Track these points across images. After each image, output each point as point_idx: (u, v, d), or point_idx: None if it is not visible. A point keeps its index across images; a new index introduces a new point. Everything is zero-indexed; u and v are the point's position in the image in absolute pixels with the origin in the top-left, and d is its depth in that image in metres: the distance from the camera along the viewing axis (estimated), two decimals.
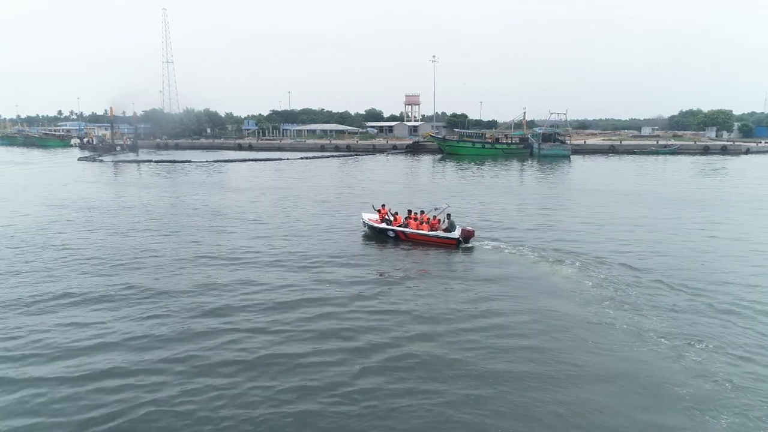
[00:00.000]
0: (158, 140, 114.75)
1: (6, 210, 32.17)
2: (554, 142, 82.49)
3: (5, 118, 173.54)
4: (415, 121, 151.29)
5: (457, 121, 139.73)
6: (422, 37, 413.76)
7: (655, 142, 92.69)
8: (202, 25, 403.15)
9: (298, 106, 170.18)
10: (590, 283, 17.35)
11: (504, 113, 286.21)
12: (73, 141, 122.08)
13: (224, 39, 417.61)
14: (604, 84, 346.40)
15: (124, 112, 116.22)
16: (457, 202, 33.65)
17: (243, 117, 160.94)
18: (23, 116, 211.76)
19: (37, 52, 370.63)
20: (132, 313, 14.93)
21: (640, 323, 14.16)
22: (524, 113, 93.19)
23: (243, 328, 13.96)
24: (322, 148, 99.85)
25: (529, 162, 73.33)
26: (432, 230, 23.32)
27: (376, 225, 24.40)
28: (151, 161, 72.83)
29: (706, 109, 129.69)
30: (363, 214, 26.12)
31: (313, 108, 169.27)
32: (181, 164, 68.46)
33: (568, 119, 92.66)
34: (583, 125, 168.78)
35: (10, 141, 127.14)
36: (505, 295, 16.61)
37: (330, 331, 13.81)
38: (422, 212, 24.50)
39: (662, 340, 13.15)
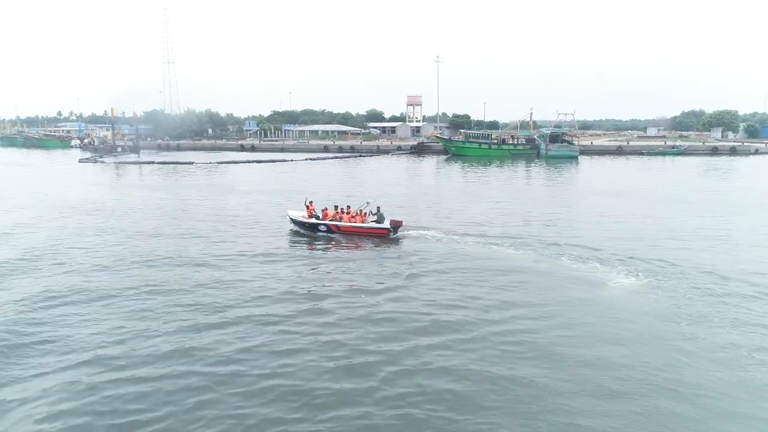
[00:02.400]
0: (159, 141, 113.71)
1: (20, 214, 31.37)
2: (562, 142, 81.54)
3: (4, 119, 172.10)
4: (417, 121, 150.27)
5: (459, 121, 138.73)
6: (421, 37, 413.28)
7: (663, 143, 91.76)
8: (201, 25, 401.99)
9: (298, 107, 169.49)
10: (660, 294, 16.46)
11: (503, 114, 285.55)
12: (73, 142, 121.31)
13: (223, 39, 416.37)
14: (603, 84, 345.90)
15: (123, 113, 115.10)
16: (476, 208, 32.68)
17: (243, 118, 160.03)
18: (23, 117, 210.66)
19: (36, 53, 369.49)
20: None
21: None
22: (531, 113, 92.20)
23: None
24: (326, 149, 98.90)
25: (537, 163, 72.36)
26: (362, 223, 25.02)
27: (306, 221, 25.39)
28: (153, 162, 71.86)
29: (708, 109, 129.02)
30: (289, 211, 27.14)
31: (315, 109, 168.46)
32: (184, 166, 67.43)
33: (568, 119, 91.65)
34: (585, 126, 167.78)
35: (10, 142, 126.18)
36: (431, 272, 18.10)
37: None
38: (349, 207, 25.99)
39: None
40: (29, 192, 41.78)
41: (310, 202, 26.37)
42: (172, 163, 70.82)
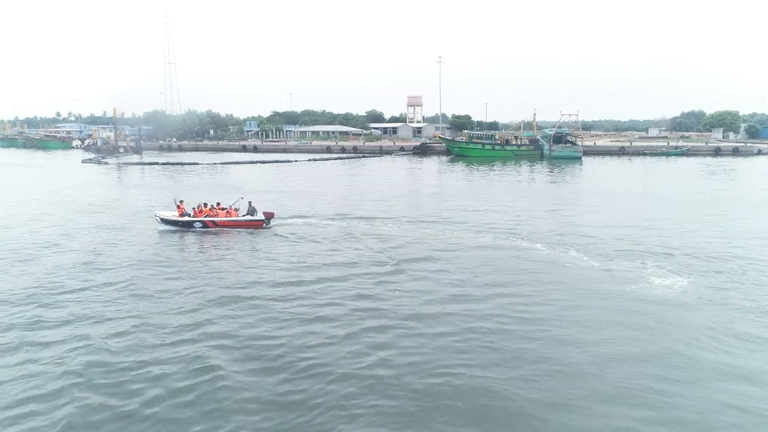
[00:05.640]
0: (161, 142, 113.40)
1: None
2: (565, 143, 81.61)
3: (3, 120, 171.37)
4: (417, 122, 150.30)
5: (460, 122, 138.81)
6: (421, 38, 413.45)
7: (665, 144, 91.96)
8: (200, 26, 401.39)
9: (298, 108, 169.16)
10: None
11: (504, 114, 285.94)
12: (74, 143, 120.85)
13: (221, 39, 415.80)
14: (601, 84, 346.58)
15: (122, 114, 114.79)
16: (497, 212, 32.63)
17: (242, 119, 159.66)
18: (21, 117, 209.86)
19: (35, 54, 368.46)
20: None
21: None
22: (534, 114, 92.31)
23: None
24: (328, 150, 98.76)
25: (541, 164, 72.40)
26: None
27: (178, 219, 26.64)
28: (157, 163, 71.63)
29: (707, 110, 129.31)
30: (157, 212, 28.04)
31: (315, 109, 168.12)
32: (189, 166, 67.24)
33: (571, 120, 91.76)
34: (585, 126, 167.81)
35: (10, 143, 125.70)
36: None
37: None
38: (218, 204, 27.75)
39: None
40: (46, 192, 41.80)
41: (181, 201, 27.90)
42: (178, 164, 70.57)
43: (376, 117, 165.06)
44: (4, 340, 13.45)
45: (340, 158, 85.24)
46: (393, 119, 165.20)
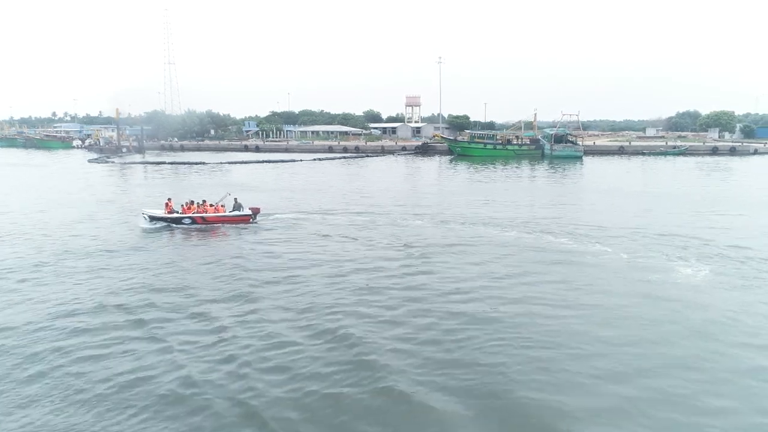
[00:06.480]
0: (162, 142, 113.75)
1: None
2: (566, 143, 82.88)
3: (1, 120, 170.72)
4: (415, 122, 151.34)
5: (458, 122, 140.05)
6: (418, 38, 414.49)
7: (664, 143, 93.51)
8: (196, 25, 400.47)
9: (295, 108, 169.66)
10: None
11: (501, 114, 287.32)
12: (74, 143, 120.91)
13: (218, 39, 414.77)
14: (596, 85, 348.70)
15: (129, 114, 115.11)
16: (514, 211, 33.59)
17: (240, 118, 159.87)
18: (16, 117, 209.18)
19: (32, 54, 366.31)
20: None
21: None
22: (535, 114, 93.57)
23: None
24: (330, 150, 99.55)
25: (542, 163, 73.57)
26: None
27: (167, 216, 27.56)
28: (164, 163, 72.22)
29: (702, 110, 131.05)
30: (145, 210, 28.66)
31: (313, 109, 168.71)
32: (197, 166, 67.87)
33: (572, 120, 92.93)
34: (582, 126, 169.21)
35: (10, 143, 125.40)
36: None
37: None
38: (204, 201, 28.65)
39: None
40: (63, 192, 42.24)
41: (169, 199, 28.95)
42: (185, 163, 71.19)
43: (374, 117, 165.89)
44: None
45: (345, 158, 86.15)
46: (390, 119, 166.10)
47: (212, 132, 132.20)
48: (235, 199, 29.28)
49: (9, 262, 20.30)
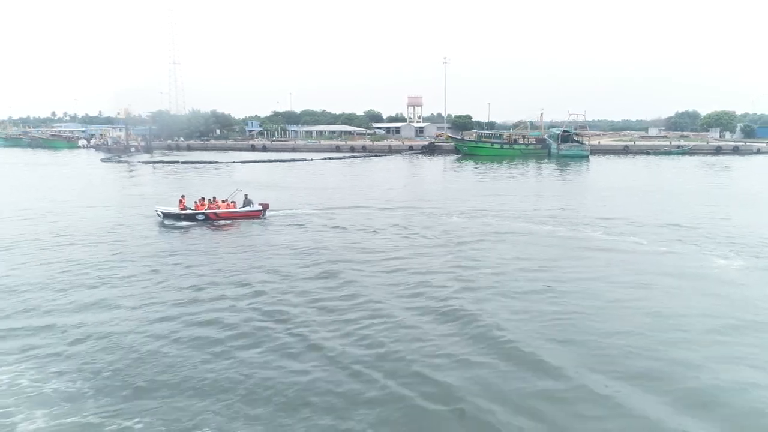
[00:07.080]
0: (169, 141, 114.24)
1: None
2: (572, 142, 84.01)
3: (3, 120, 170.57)
4: (417, 122, 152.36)
5: (461, 122, 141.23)
6: (419, 37, 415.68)
7: (668, 143, 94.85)
8: (198, 25, 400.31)
9: (297, 108, 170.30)
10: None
11: (503, 114, 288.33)
12: (80, 142, 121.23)
13: (219, 39, 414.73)
14: (596, 85, 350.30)
15: (139, 114, 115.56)
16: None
17: (241, 118, 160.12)
18: (15, 117, 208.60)
19: (32, 53, 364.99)
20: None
21: None
22: (541, 114, 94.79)
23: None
24: (338, 149, 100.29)
25: (549, 163, 74.55)
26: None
27: (181, 212, 28.41)
28: (177, 162, 72.89)
29: (701, 110, 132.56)
30: (158, 207, 29.53)
31: (315, 109, 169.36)
32: (211, 165, 68.59)
33: (579, 120, 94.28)
34: (582, 126, 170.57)
35: (14, 142, 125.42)
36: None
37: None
38: (214, 198, 29.61)
39: None
40: (102, 193, 42.49)
41: (183, 197, 29.79)
42: (198, 162, 71.92)
43: (375, 117, 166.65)
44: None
45: (353, 157, 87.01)
46: (390, 119, 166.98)
47: (218, 132, 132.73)
48: (246, 195, 30.08)
49: (87, 261, 20.82)
